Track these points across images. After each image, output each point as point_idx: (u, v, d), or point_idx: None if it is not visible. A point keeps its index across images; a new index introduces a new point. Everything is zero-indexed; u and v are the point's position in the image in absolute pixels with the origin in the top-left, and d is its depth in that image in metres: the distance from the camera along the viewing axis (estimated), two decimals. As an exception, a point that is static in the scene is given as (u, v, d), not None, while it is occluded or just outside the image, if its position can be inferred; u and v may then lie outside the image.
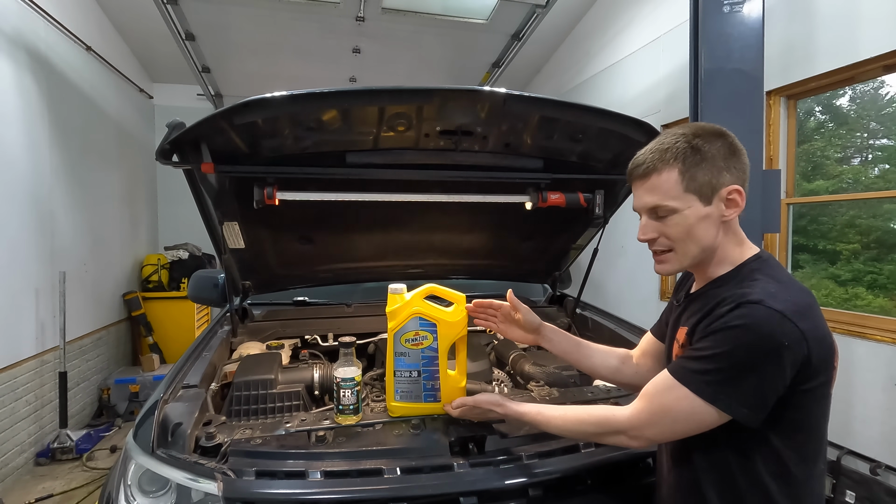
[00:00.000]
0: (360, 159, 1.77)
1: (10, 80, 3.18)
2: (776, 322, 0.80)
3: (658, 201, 0.94)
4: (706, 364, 0.84)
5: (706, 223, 0.93)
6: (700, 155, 0.91)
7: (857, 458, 2.61)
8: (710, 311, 0.89)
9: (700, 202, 0.92)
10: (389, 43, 4.65)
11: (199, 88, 5.47)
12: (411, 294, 1.41)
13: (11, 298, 3.17)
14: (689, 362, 0.88)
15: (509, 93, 1.48)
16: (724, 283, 0.95)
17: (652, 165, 0.94)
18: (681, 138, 0.93)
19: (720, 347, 0.83)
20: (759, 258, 0.96)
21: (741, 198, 0.93)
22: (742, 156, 0.94)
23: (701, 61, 2.58)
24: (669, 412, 0.88)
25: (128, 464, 1.22)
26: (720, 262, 0.97)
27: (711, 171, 0.91)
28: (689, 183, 0.91)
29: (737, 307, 0.84)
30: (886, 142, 3.25)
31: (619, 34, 4.67)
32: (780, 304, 0.82)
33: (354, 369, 1.35)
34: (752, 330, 0.81)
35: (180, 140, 1.48)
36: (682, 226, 0.93)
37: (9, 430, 3.14)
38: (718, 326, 0.84)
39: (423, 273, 2.52)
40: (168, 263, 5.40)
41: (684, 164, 0.91)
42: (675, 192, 0.92)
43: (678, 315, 1.06)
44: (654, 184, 0.94)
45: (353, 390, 1.35)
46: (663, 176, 0.93)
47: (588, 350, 1.33)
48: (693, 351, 0.88)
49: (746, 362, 0.81)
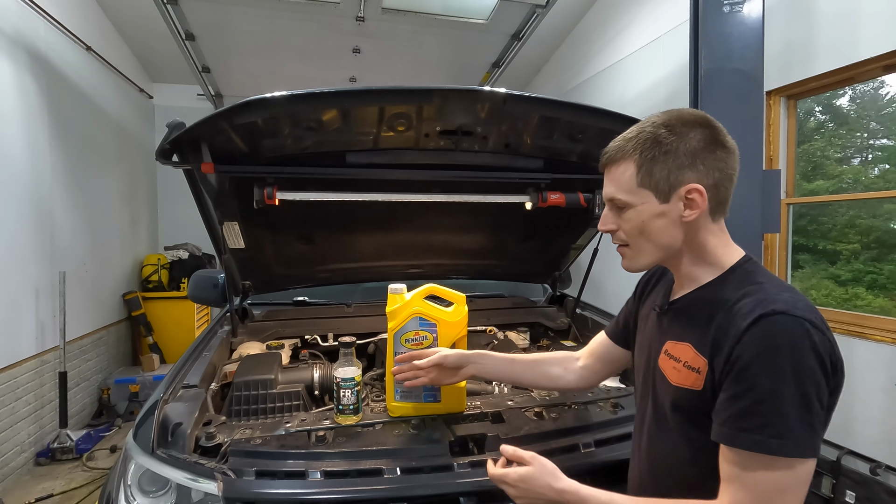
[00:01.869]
0: (360, 159, 1.77)
1: (10, 80, 3.17)
2: (807, 334, 0.72)
3: (613, 193, 0.89)
4: (777, 414, 0.71)
5: (662, 222, 0.85)
6: (661, 148, 0.83)
7: (857, 458, 2.61)
8: (724, 325, 0.78)
9: (656, 199, 0.84)
10: (389, 43, 4.65)
11: (199, 88, 5.47)
12: (411, 294, 1.41)
13: (11, 298, 3.17)
14: (754, 419, 0.71)
15: (509, 93, 1.48)
16: (717, 288, 0.86)
17: (611, 155, 0.89)
18: (648, 127, 0.85)
19: (778, 384, 0.71)
20: (749, 260, 0.88)
21: (702, 198, 0.82)
22: (721, 151, 0.84)
23: (701, 61, 2.58)
24: (782, 491, 0.72)
25: (128, 464, 1.22)
26: (707, 264, 0.88)
27: (671, 167, 0.83)
28: (645, 177, 0.84)
29: (760, 319, 0.73)
30: (886, 142, 3.25)
31: (619, 34, 4.66)
32: (809, 313, 0.74)
33: (354, 369, 1.35)
34: (797, 350, 0.71)
35: (180, 140, 1.48)
36: (635, 222, 0.87)
37: (9, 430, 3.13)
38: (754, 354, 0.72)
39: (423, 273, 2.52)
40: (168, 263, 5.39)
41: (642, 156, 0.84)
42: (629, 185, 0.86)
43: (661, 324, 0.95)
44: (612, 174, 0.89)
45: (353, 390, 1.35)
46: (621, 167, 0.87)
47: (523, 365, 1.26)
48: (746, 402, 0.72)
49: (809, 389, 0.71)
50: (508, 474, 0.93)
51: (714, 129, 0.84)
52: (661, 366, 0.90)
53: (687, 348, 0.85)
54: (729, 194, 0.87)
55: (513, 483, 0.92)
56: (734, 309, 0.78)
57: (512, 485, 0.92)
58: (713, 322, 0.81)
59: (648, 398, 0.95)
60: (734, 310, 0.78)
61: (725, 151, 0.84)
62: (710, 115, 0.87)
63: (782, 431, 0.70)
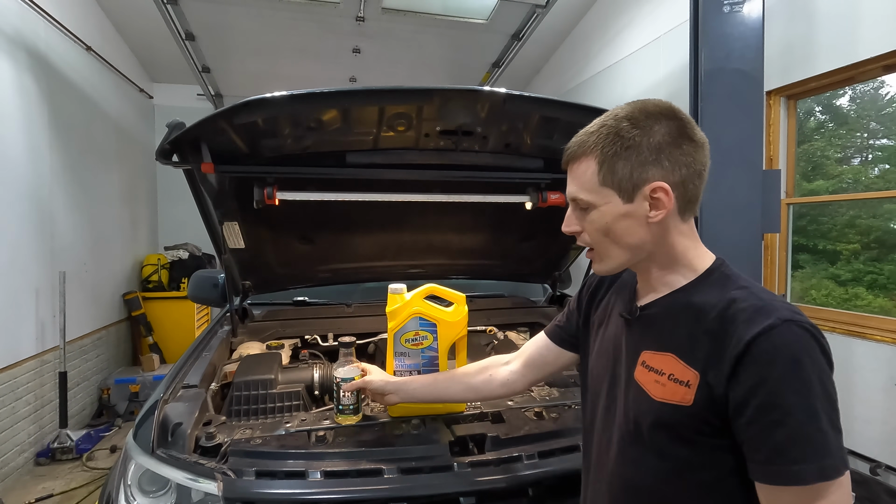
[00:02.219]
0: (361, 159, 1.77)
1: (10, 80, 3.18)
2: (818, 340, 0.68)
3: (576, 192, 0.82)
4: (819, 435, 0.64)
5: (627, 223, 0.79)
6: (623, 143, 0.77)
7: (857, 458, 2.61)
8: (718, 335, 0.72)
9: (619, 198, 0.78)
10: (389, 43, 4.66)
11: (199, 88, 5.47)
12: (411, 294, 1.41)
13: (11, 298, 3.17)
14: (799, 448, 0.64)
15: (509, 93, 1.48)
16: (695, 292, 0.79)
17: (573, 151, 0.82)
18: (610, 120, 0.79)
19: (811, 401, 0.65)
20: (723, 263, 0.82)
21: (668, 198, 0.76)
22: (688, 144, 0.77)
23: (701, 61, 2.58)
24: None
25: (128, 464, 1.22)
26: (680, 266, 0.82)
27: (633, 164, 0.76)
28: (607, 176, 0.78)
29: (770, 330, 0.67)
30: (886, 142, 3.25)
31: (619, 34, 4.66)
32: (807, 318, 0.70)
33: (354, 369, 1.35)
34: (816, 361, 0.67)
35: (180, 140, 1.48)
36: (599, 223, 0.80)
37: (9, 430, 3.13)
38: (779, 372, 0.66)
39: (423, 273, 2.52)
40: (168, 263, 5.40)
41: (602, 152, 0.78)
42: (591, 184, 0.79)
43: (631, 332, 0.86)
44: (574, 172, 0.82)
45: (353, 390, 1.35)
46: (582, 165, 0.80)
47: (445, 382, 1.24)
48: (786, 430, 0.65)
49: (834, 399, 0.67)
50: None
51: (680, 120, 0.78)
52: (638, 379, 0.81)
53: (671, 359, 0.77)
54: (699, 192, 0.80)
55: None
56: (726, 316, 0.72)
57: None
58: (700, 330, 0.74)
59: (615, 413, 0.86)
60: (727, 317, 0.72)
61: (693, 145, 0.78)
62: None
63: (825, 452, 0.64)
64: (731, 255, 0.84)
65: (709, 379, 0.71)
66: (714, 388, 0.70)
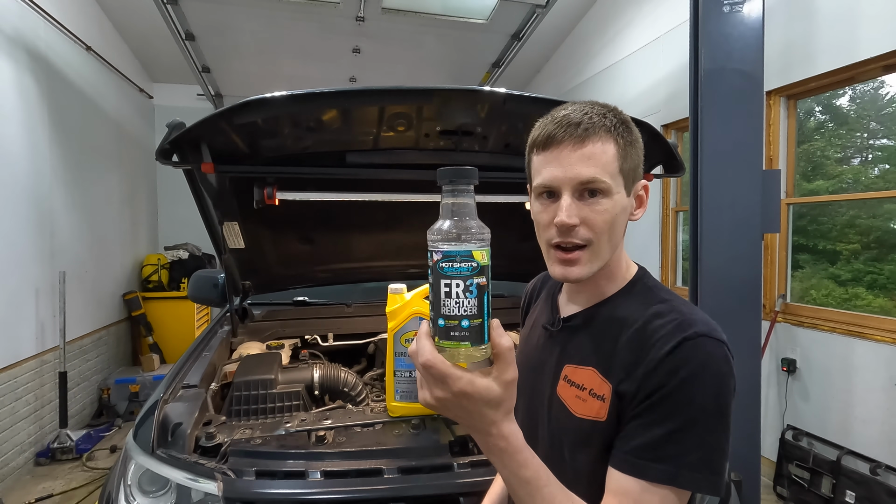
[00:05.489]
0: (360, 159, 1.77)
1: (10, 80, 3.18)
2: (728, 359, 0.67)
3: (597, 174, 0.68)
4: (696, 445, 0.63)
5: (624, 218, 0.73)
6: (632, 135, 0.73)
7: (857, 458, 2.61)
8: (634, 348, 0.69)
9: (625, 190, 0.72)
10: (389, 43, 4.66)
11: (199, 88, 5.47)
12: (411, 294, 1.41)
13: (11, 298, 3.17)
14: (669, 448, 0.63)
15: (509, 93, 1.48)
16: (619, 304, 0.75)
17: (592, 127, 0.69)
18: (605, 108, 0.73)
19: (699, 413, 0.63)
20: (646, 272, 0.79)
21: (646, 198, 0.77)
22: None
23: (701, 61, 2.58)
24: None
25: (128, 464, 1.22)
26: (615, 275, 0.78)
27: (638, 158, 0.74)
28: (623, 162, 0.71)
29: (683, 343, 0.65)
30: (886, 142, 3.24)
31: (619, 34, 4.67)
32: (723, 335, 0.68)
33: (476, 245, 0.64)
34: (720, 376, 0.65)
35: (180, 140, 1.48)
36: (611, 213, 0.70)
37: (9, 430, 3.13)
38: (679, 381, 0.64)
39: (423, 273, 2.51)
40: (168, 263, 5.40)
41: (622, 138, 0.71)
42: (612, 168, 0.70)
43: (553, 345, 0.81)
44: (592, 151, 0.69)
45: (474, 285, 0.60)
46: (605, 145, 0.69)
47: None
48: (662, 431, 0.64)
49: (728, 419, 0.66)
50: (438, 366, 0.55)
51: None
52: (560, 395, 0.76)
53: (591, 373, 0.72)
54: None
55: (437, 378, 0.56)
56: (647, 330, 0.69)
57: (435, 383, 0.56)
58: (618, 343, 0.71)
59: (537, 429, 0.80)
60: (647, 331, 0.69)
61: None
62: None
63: (697, 465, 0.63)
64: (731, 255, 0.84)
65: (619, 392, 0.68)
66: (624, 402, 0.68)
